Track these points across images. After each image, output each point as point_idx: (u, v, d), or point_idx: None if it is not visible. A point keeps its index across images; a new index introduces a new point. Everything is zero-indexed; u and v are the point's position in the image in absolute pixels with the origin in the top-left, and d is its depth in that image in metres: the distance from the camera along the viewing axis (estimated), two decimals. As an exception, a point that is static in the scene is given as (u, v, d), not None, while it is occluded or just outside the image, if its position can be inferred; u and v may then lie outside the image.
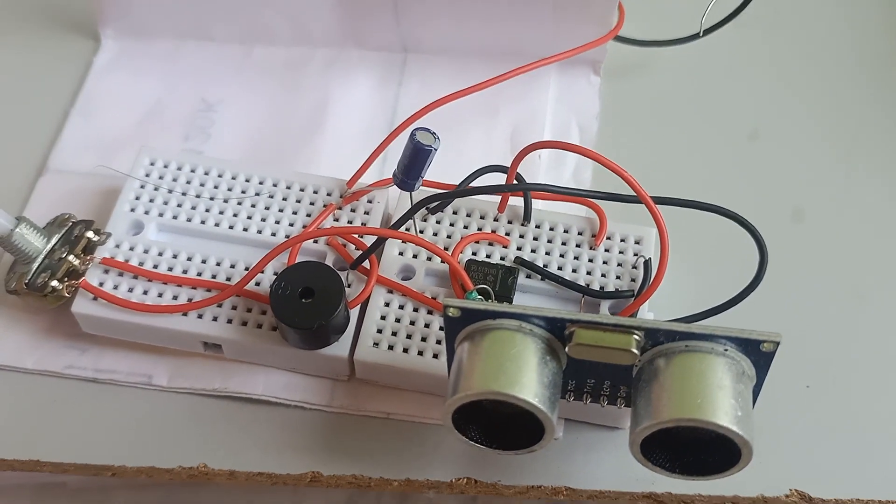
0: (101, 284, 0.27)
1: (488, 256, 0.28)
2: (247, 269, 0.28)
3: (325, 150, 0.33)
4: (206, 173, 0.29)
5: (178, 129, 0.34)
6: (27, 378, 0.28)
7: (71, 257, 0.27)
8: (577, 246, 0.28)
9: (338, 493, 0.31)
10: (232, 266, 0.28)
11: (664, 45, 0.34)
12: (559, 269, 0.28)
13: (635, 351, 0.22)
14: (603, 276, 0.28)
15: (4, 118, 0.34)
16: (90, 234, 0.28)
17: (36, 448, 0.27)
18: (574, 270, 0.28)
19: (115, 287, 0.27)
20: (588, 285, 0.27)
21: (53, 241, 0.28)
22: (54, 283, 0.27)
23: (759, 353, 0.22)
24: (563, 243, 0.28)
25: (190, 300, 0.27)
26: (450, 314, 0.23)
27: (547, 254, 0.28)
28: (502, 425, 0.24)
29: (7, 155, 0.33)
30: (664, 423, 0.21)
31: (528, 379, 0.22)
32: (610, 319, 0.22)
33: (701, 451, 0.23)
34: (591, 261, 0.28)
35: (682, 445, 0.23)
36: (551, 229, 0.28)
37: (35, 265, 0.27)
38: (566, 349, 0.23)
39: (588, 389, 0.24)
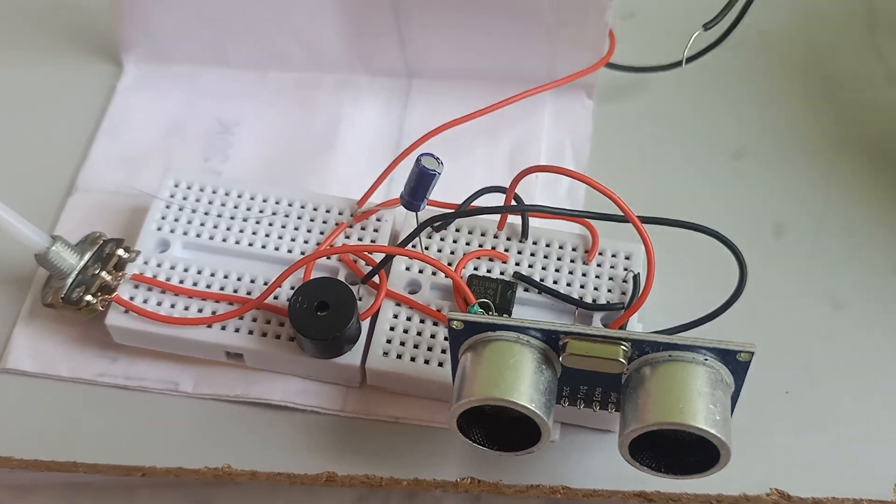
0: (131, 299, 0.29)
1: (489, 271, 0.30)
2: (266, 283, 0.30)
3: (335, 169, 0.35)
4: (227, 193, 0.31)
5: (199, 148, 0.36)
6: (61, 385, 0.30)
7: (103, 273, 0.29)
8: (572, 261, 0.30)
9: (349, 492, 0.33)
10: (252, 281, 0.30)
11: (652, 70, 0.36)
12: (554, 283, 0.30)
13: (622, 360, 0.24)
14: (595, 289, 0.30)
15: (33, 140, 0.36)
16: (120, 251, 0.30)
17: (71, 450, 0.29)
18: (568, 284, 0.30)
19: (145, 301, 0.29)
20: (581, 298, 0.29)
21: (86, 257, 0.30)
22: (88, 297, 0.29)
23: (736, 363, 0.24)
24: (559, 258, 0.30)
25: (214, 313, 0.29)
26: (454, 326, 0.25)
27: (543, 268, 0.30)
28: (503, 428, 0.26)
29: (36, 175, 0.34)
30: (649, 426, 0.23)
31: (525, 386, 0.24)
32: (599, 331, 0.24)
33: (684, 452, 0.25)
34: (584, 275, 0.30)
35: (666, 447, 0.25)
36: (547, 245, 0.31)
37: (70, 280, 0.29)
38: (560, 358, 0.25)
39: (581, 395, 0.26)
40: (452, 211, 0.30)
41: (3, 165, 0.35)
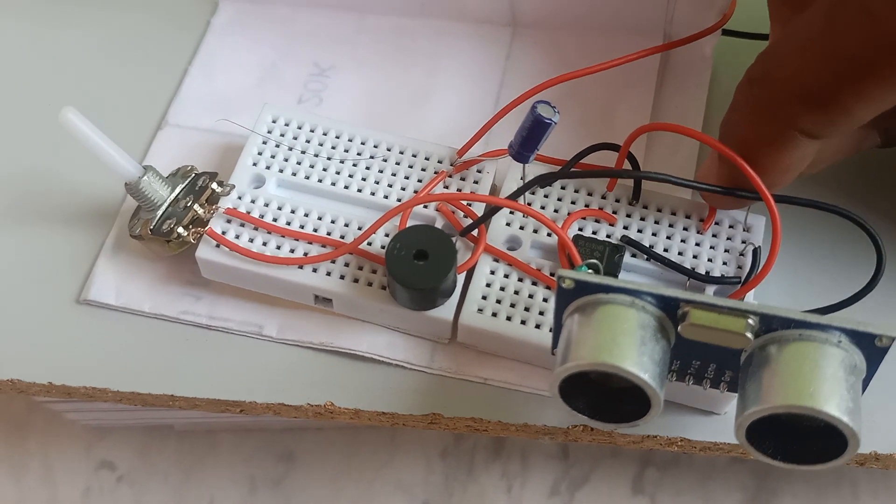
0: (223, 233, 0.28)
1: (594, 233, 0.28)
2: (360, 228, 0.28)
3: (431, 118, 0.34)
4: (325, 133, 0.30)
5: (292, 91, 0.34)
6: (143, 320, 0.29)
7: (196, 206, 0.28)
8: (685, 229, 0.28)
9: (434, 445, 0.32)
10: (345, 225, 0.29)
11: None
12: (665, 250, 0.28)
13: (749, 335, 0.22)
14: (709, 260, 0.28)
15: (125, 75, 0.35)
16: (214, 185, 0.29)
17: (161, 385, 0.28)
18: (680, 253, 0.28)
19: (237, 237, 0.28)
20: (694, 269, 0.28)
21: (177, 190, 0.29)
22: (179, 229, 0.28)
23: (872, 348, 0.22)
24: (671, 225, 0.28)
25: (305, 254, 0.28)
26: (564, 285, 0.23)
27: (653, 234, 0.28)
28: (604, 398, 0.24)
29: (127, 110, 0.34)
30: (775, 408, 0.21)
31: (640, 354, 0.22)
32: (726, 302, 0.22)
33: (803, 438, 0.23)
34: (697, 245, 0.28)
35: (783, 433, 0.23)
36: (659, 210, 0.29)
37: (160, 212, 0.28)
38: (678, 329, 0.23)
39: (692, 371, 0.24)
40: (566, 170, 0.28)
41: (95, 98, 0.34)
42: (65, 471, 0.35)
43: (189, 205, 0.28)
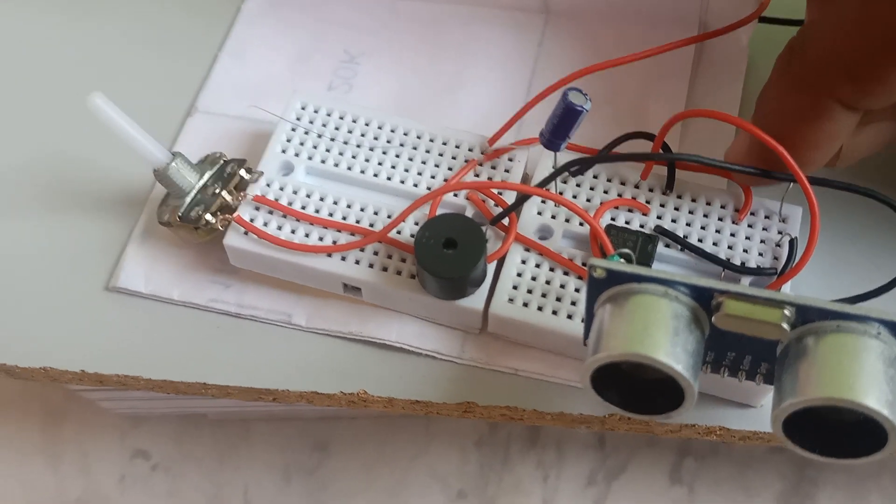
0: (251, 221, 0.28)
1: (627, 223, 0.28)
2: (389, 217, 0.28)
3: (461, 105, 0.33)
4: (355, 121, 0.30)
5: (322, 78, 0.34)
6: (171, 308, 0.29)
7: (224, 193, 0.28)
8: (719, 219, 0.28)
9: (469, 434, 0.32)
10: (375, 213, 0.28)
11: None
12: (699, 241, 0.27)
13: (785, 327, 0.22)
14: (745, 251, 0.27)
15: (155, 62, 0.35)
16: (242, 171, 0.29)
17: (193, 373, 0.28)
18: (715, 244, 0.27)
19: (265, 224, 0.28)
20: (729, 260, 0.27)
21: (206, 177, 0.29)
22: (208, 216, 0.28)
23: (912, 340, 0.22)
24: (705, 215, 0.28)
25: (334, 243, 0.28)
26: (596, 274, 0.23)
27: (687, 225, 0.28)
28: (637, 389, 0.24)
29: (157, 97, 0.34)
30: (813, 401, 0.21)
31: (673, 345, 0.22)
32: (762, 293, 0.22)
33: (839, 432, 0.22)
34: (732, 235, 0.27)
35: (819, 426, 0.22)
36: (693, 200, 0.28)
37: (188, 199, 0.28)
38: (711, 319, 0.22)
39: (727, 363, 0.24)
40: (597, 155, 0.28)
41: (125, 85, 0.33)
42: (100, 459, 0.36)
43: (217, 192, 0.28)
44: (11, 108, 0.34)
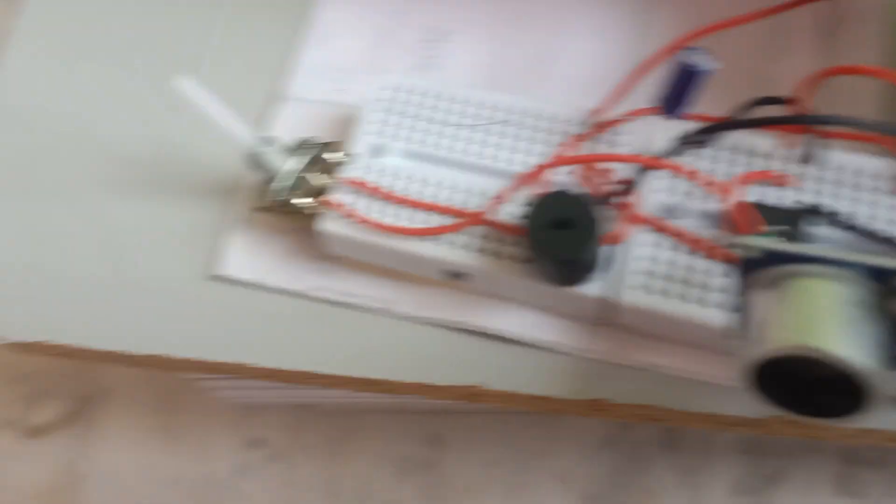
0: (346, 204, 0.26)
1: (762, 199, 0.24)
2: (488, 197, 0.25)
3: (557, 78, 0.30)
4: (446, 99, 0.27)
5: (407, 58, 0.32)
6: (272, 295, 0.28)
7: (317, 177, 0.27)
8: (874, 193, 0.24)
9: (595, 433, 0.30)
10: (471, 194, 0.26)
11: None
12: (851, 219, 0.24)
13: None
14: (907, 228, 0.23)
15: (242, 48, 0.33)
16: (336, 155, 0.27)
17: (301, 361, 0.27)
18: (871, 220, 0.24)
19: (360, 208, 0.26)
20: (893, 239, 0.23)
21: (299, 161, 0.27)
22: (302, 200, 0.27)
23: None
24: (855, 189, 0.24)
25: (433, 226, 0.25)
26: (749, 255, 0.19)
27: (838, 200, 0.24)
28: (802, 388, 0.20)
29: (246, 83, 0.32)
30: None
31: (850, 336, 0.18)
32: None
33: None
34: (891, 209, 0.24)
35: None
36: (840, 172, 0.24)
37: (282, 184, 0.27)
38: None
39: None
40: (726, 121, 0.24)
41: (212, 70, 0.32)
42: (217, 446, 0.36)
43: (310, 176, 0.27)
44: (101, 93, 0.33)
